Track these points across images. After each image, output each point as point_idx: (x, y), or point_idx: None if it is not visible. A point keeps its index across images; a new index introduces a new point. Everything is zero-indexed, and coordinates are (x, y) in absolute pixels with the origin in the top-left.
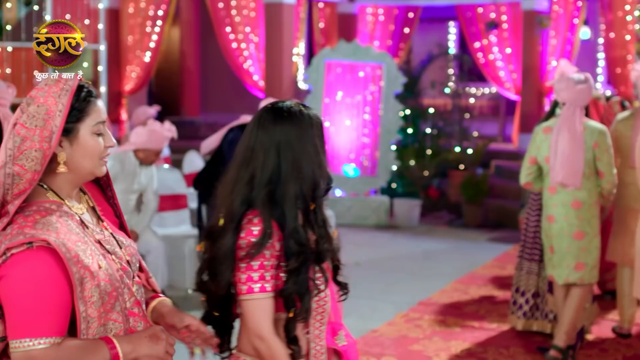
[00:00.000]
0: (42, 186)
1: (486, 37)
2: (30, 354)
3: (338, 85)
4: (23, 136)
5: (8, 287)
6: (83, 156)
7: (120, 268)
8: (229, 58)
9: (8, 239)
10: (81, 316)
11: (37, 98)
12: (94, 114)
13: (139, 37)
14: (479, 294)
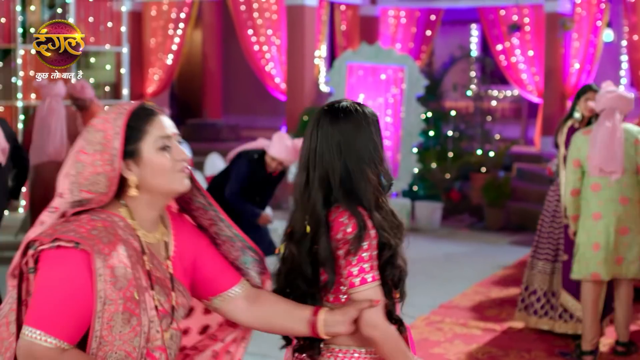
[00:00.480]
0: (121, 202)
1: (508, 40)
2: (33, 347)
3: (360, 87)
4: (85, 162)
5: (44, 272)
6: (152, 175)
7: (158, 309)
8: (251, 60)
9: (62, 231)
10: (94, 334)
11: (96, 125)
12: (154, 130)
13: (161, 39)
14: (500, 297)
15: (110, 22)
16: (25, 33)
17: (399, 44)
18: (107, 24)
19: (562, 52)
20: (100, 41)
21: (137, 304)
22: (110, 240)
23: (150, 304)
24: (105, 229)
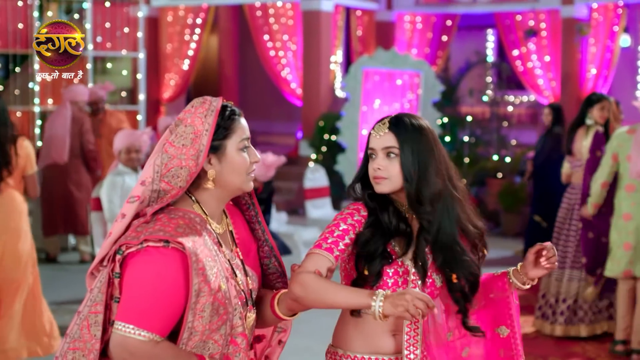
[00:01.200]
0: (191, 197)
1: (525, 45)
2: (128, 340)
3: (376, 93)
4: (171, 154)
5: (134, 272)
6: (231, 172)
7: (240, 297)
8: (267, 66)
9: (149, 232)
10: (187, 325)
11: (185, 119)
12: (239, 131)
13: (177, 45)
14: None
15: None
16: None
17: (415, 50)
18: (124, 29)
19: (579, 58)
20: (116, 47)
21: (224, 294)
22: (194, 235)
23: (233, 293)
24: (186, 225)
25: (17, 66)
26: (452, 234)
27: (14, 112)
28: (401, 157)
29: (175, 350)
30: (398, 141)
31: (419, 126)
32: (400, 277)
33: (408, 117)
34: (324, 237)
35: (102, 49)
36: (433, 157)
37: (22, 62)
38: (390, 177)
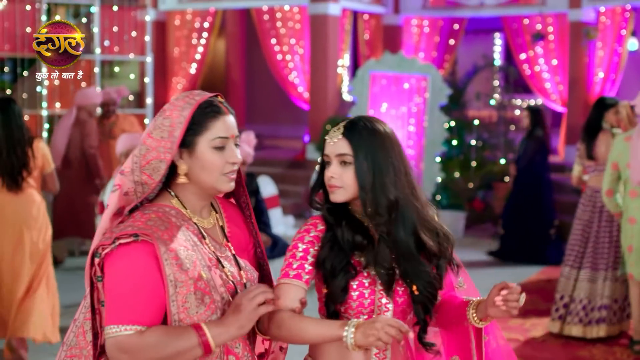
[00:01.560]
0: (170, 192)
1: (532, 49)
2: (117, 339)
3: (383, 96)
4: (149, 146)
5: (109, 274)
6: (201, 169)
7: (227, 286)
8: (274, 70)
9: (119, 229)
10: (172, 318)
11: (165, 110)
12: (214, 129)
13: (185, 49)
14: (524, 307)
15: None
16: None
17: (422, 53)
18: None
19: (586, 61)
20: (124, 50)
21: (206, 283)
22: (167, 227)
23: (218, 282)
24: (158, 218)
25: (25, 70)
26: (408, 244)
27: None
28: (355, 164)
29: (165, 329)
30: (352, 148)
31: (374, 131)
32: (366, 288)
33: (364, 122)
34: (289, 264)
35: (110, 53)
36: (389, 164)
37: (30, 66)
38: (345, 186)
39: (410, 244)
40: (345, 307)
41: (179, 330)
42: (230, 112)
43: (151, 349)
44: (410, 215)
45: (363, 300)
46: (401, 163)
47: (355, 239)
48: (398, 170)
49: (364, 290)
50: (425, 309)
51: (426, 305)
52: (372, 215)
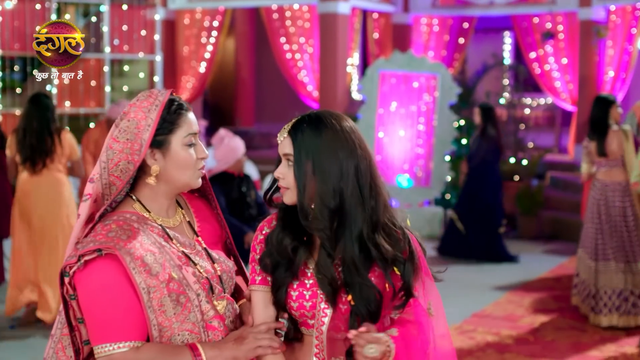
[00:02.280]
0: (132, 197)
1: (542, 47)
2: (112, 357)
3: (392, 95)
4: (115, 150)
5: (83, 294)
6: (176, 167)
7: (202, 282)
8: (284, 68)
9: (82, 246)
10: (151, 324)
11: (129, 113)
12: (185, 126)
13: (194, 47)
14: (534, 306)
15: (144, 30)
16: None
17: (431, 52)
18: (141, 32)
19: (597, 60)
20: (134, 49)
21: (179, 283)
22: (129, 235)
23: (191, 279)
24: (119, 227)
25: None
26: (351, 253)
27: None
28: (294, 166)
29: (161, 346)
30: (293, 147)
31: (320, 129)
32: (307, 290)
33: (310, 119)
34: (252, 269)
35: (119, 52)
36: (334, 166)
37: (40, 65)
38: (291, 188)
39: (354, 253)
40: (288, 309)
41: (175, 349)
42: (191, 109)
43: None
44: (356, 222)
45: (304, 302)
46: (352, 163)
47: (283, 241)
48: (346, 172)
49: (305, 292)
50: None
51: (362, 320)
52: (307, 221)
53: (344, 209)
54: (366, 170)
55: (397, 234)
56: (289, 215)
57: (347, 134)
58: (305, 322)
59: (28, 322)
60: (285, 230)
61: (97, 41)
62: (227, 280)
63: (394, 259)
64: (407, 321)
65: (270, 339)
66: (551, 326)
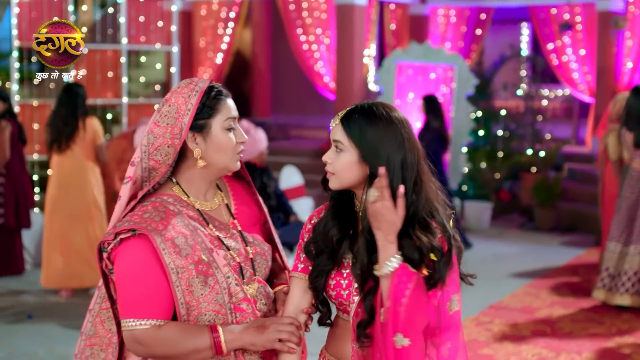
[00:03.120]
0: (172, 180)
1: (560, 39)
2: (134, 333)
3: (409, 86)
4: (156, 134)
5: (116, 269)
6: (216, 151)
7: (233, 265)
8: (300, 59)
9: (119, 224)
10: (179, 302)
11: (169, 99)
12: (224, 111)
13: (211, 39)
14: (551, 298)
15: (161, 21)
16: None
17: (448, 43)
18: (158, 23)
19: (615, 51)
20: (150, 40)
21: (208, 265)
22: (162, 217)
23: (221, 262)
24: (155, 209)
25: None
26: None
27: (49, 105)
28: (359, 148)
29: (181, 326)
30: (346, 135)
31: (370, 119)
32: (344, 279)
33: (362, 108)
34: (297, 256)
35: (136, 43)
36: (382, 155)
37: None
38: (336, 173)
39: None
40: (328, 296)
41: (195, 329)
42: (230, 95)
43: (166, 344)
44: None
45: (341, 290)
46: (399, 155)
47: (330, 232)
48: (392, 163)
49: (342, 281)
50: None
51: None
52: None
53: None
54: (412, 164)
55: (436, 229)
56: (339, 204)
57: (397, 127)
58: (345, 309)
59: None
60: (334, 219)
61: (114, 32)
62: (261, 264)
63: (430, 249)
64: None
65: (290, 333)
66: (568, 318)
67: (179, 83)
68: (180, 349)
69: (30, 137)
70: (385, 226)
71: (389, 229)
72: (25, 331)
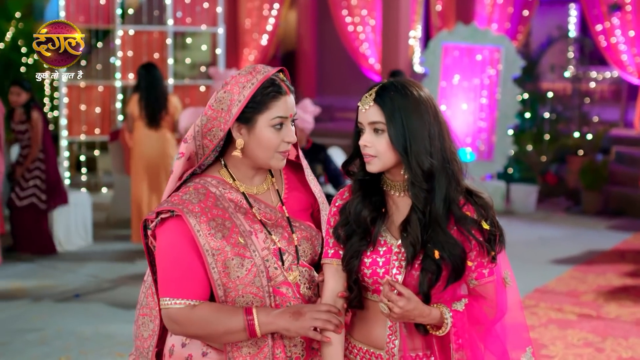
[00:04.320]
0: (221, 162)
1: (608, 20)
2: (169, 312)
3: (455, 68)
4: (209, 117)
5: (157, 246)
6: (258, 146)
7: (273, 249)
8: (346, 41)
9: (162, 203)
10: (216, 283)
11: (227, 85)
12: (275, 109)
13: (256, 20)
14: (597, 282)
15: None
16: (123, 14)
17: (495, 24)
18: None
19: None
20: (196, 22)
21: (245, 248)
22: (200, 199)
23: (259, 245)
24: (195, 190)
25: (99, 41)
26: (439, 213)
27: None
28: (389, 132)
29: (216, 307)
30: (384, 115)
31: (407, 96)
32: (381, 257)
33: (395, 86)
34: (326, 242)
35: (182, 24)
36: (425, 128)
37: (104, 37)
38: (379, 155)
39: (440, 213)
40: (361, 276)
41: (229, 310)
42: (291, 91)
43: (200, 323)
44: (442, 183)
45: (377, 269)
46: (436, 128)
47: (362, 212)
48: (433, 134)
49: (379, 259)
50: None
51: (437, 275)
52: (415, 181)
53: (434, 172)
54: (447, 136)
55: (485, 199)
56: (367, 185)
57: (430, 101)
58: (378, 289)
59: None
60: (364, 200)
61: (160, 14)
62: (307, 249)
63: (485, 217)
64: (481, 297)
65: (326, 321)
66: (615, 303)
67: (244, 67)
68: (213, 329)
69: (77, 118)
70: (417, 317)
71: (421, 316)
72: (72, 310)
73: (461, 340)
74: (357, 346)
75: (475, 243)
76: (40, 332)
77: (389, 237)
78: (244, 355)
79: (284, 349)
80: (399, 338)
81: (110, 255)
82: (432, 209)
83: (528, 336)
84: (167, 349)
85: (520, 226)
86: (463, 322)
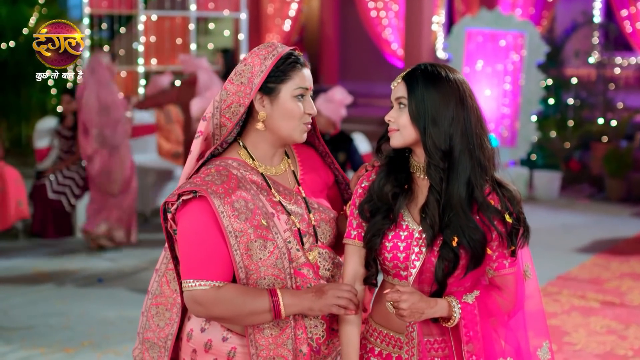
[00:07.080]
0: (240, 143)
1: (634, 5)
2: (193, 294)
3: (478, 54)
4: (229, 91)
5: (180, 229)
6: (282, 117)
7: (294, 230)
8: (368, 26)
9: (183, 185)
10: (238, 266)
11: (247, 59)
12: (297, 79)
13: (279, 5)
14: (620, 270)
15: None
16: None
17: (519, 10)
18: None
19: None
20: (219, 7)
21: (267, 230)
22: (224, 180)
23: (282, 227)
24: (218, 172)
25: (122, 26)
26: (459, 197)
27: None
28: (409, 106)
29: (241, 288)
30: (408, 91)
31: (434, 76)
32: (402, 241)
33: (426, 67)
34: (350, 222)
35: (205, 10)
36: (447, 109)
37: (127, 23)
38: (400, 129)
39: (461, 197)
40: (382, 259)
41: (254, 292)
42: (308, 66)
43: (225, 304)
44: (465, 167)
45: (398, 253)
46: (463, 112)
47: (385, 188)
48: (456, 119)
49: (400, 243)
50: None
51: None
52: (430, 159)
53: (453, 154)
54: (476, 122)
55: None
56: (393, 163)
57: (459, 85)
58: (397, 274)
59: None
60: (389, 176)
61: None
62: (325, 230)
63: (510, 210)
64: (497, 288)
65: (348, 300)
66: (638, 290)
67: (260, 45)
68: (238, 310)
69: None
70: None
71: (429, 307)
72: (95, 294)
73: (471, 333)
74: (377, 329)
75: (497, 234)
76: (63, 317)
77: (411, 221)
78: (266, 337)
79: (305, 330)
80: (418, 323)
81: None
82: (451, 190)
83: (546, 327)
84: (184, 333)
85: (544, 213)
86: (473, 314)
